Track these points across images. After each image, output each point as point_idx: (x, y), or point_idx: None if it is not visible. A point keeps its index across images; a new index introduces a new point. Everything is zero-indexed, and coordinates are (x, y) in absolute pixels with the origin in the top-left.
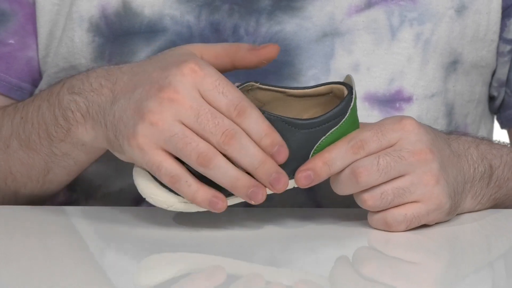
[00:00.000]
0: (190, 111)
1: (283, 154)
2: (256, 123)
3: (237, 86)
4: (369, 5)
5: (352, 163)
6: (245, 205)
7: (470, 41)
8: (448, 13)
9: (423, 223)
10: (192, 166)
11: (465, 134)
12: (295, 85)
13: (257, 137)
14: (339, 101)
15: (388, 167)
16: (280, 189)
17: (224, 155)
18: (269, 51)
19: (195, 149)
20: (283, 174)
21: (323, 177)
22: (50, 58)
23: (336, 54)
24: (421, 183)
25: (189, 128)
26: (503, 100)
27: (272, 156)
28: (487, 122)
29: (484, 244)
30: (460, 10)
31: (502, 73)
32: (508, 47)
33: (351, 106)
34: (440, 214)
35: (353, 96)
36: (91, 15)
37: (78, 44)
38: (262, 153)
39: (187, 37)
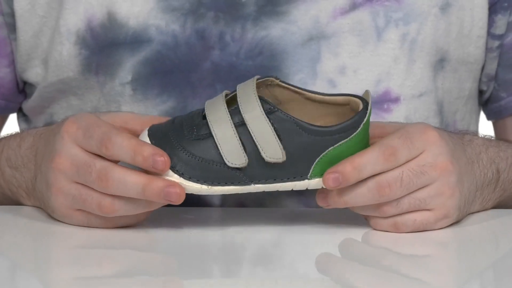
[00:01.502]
0: (72, 169)
1: (161, 162)
2: (122, 146)
3: (257, 80)
4: (353, 7)
5: (379, 172)
6: (237, 205)
7: (455, 38)
8: (432, 12)
9: (427, 229)
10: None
11: (475, 134)
12: None
13: (129, 158)
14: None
15: (410, 183)
16: (177, 200)
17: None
18: None
19: (93, 202)
20: (172, 185)
21: (351, 181)
22: (40, 69)
23: (322, 58)
24: (437, 194)
25: (82, 184)
26: (491, 93)
27: (152, 169)
28: (477, 117)
29: (491, 237)
30: (445, 7)
31: (491, 68)
32: (496, 43)
33: (364, 122)
34: (445, 223)
35: (368, 111)
36: (78, 28)
37: (66, 57)
38: (140, 177)
39: (173, 46)
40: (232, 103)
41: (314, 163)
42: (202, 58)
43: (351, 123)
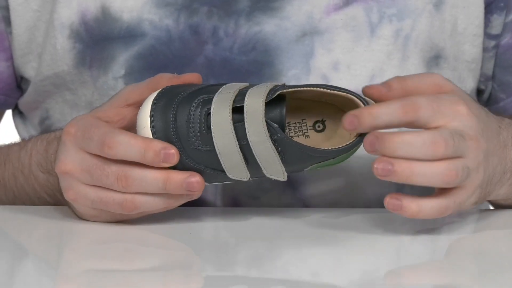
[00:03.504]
0: (83, 173)
1: (171, 155)
2: (129, 145)
3: (267, 94)
4: (347, 3)
5: (396, 125)
6: (231, 204)
7: (450, 35)
8: (427, 8)
9: (460, 209)
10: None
11: None
12: None
13: (139, 155)
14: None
15: (457, 146)
16: (198, 188)
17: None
18: (190, 79)
19: (115, 203)
20: (192, 175)
21: (365, 126)
22: (36, 63)
23: (316, 53)
24: (472, 169)
25: (97, 186)
26: (490, 94)
27: (162, 164)
28: None
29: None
30: (438, 4)
31: (488, 68)
32: (492, 43)
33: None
34: (470, 204)
35: None
36: (71, 21)
37: (60, 51)
38: (160, 172)
39: (166, 41)
40: (239, 110)
41: (311, 166)
42: (195, 53)
43: (356, 142)
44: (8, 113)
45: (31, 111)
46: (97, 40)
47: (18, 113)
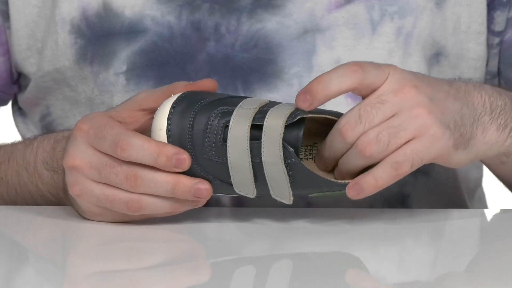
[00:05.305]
0: (91, 170)
1: (183, 161)
2: (142, 149)
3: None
4: (349, 0)
5: (348, 87)
6: (235, 204)
7: (452, 33)
8: (428, 6)
9: (427, 159)
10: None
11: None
12: (279, 82)
13: (152, 161)
14: None
15: (370, 116)
16: (206, 195)
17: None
18: (205, 85)
19: (120, 202)
20: (201, 182)
21: (319, 97)
22: (35, 59)
23: (317, 51)
24: (411, 116)
25: (104, 184)
26: None
27: (173, 169)
28: None
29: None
30: (439, 2)
31: (493, 65)
32: (496, 39)
33: None
34: (442, 146)
35: None
36: (72, 17)
37: (61, 46)
38: (170, 176)
39: (168, 37)
40: (257, 127)
41: (316, 194)
42: (197, 49)
43: None
44: (8, 111)
45: (31, 108)
46: (99, 35)
47: (18, 109)
